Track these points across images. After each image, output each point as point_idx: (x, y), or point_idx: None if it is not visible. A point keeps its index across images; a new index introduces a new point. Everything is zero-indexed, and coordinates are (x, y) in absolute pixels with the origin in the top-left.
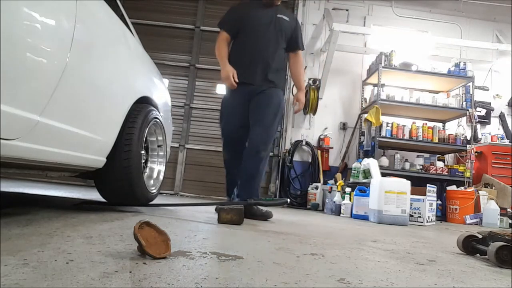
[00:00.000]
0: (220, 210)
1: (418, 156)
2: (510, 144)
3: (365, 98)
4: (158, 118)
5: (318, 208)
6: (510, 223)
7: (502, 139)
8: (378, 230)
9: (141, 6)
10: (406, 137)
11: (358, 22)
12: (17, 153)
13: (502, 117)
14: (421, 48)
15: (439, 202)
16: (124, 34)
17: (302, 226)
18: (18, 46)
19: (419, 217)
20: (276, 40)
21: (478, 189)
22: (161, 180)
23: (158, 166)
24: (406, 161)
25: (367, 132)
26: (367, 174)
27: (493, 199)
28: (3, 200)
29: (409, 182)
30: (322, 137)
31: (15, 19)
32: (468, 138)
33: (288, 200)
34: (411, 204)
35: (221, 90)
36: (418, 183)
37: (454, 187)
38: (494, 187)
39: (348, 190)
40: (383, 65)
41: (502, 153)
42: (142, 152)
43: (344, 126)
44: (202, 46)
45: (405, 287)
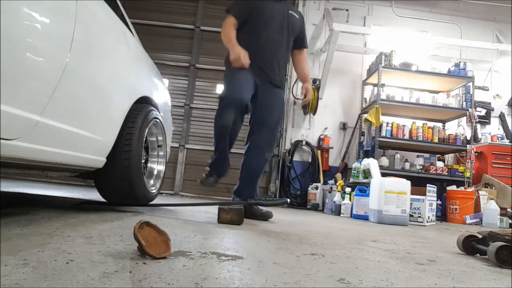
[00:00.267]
0: (220, 210)
1: (418, 156)
2: (510, 144)
3: (365, 98)
4: (158, 118)
5: (318, 208)
6: (510, 223)
7: (502, 139)
8: (378, 230)
9: (141, 6)
10: (406, 137)
11: (358, 22)
12: (17, 153)
13: (502, 117)
14: (421, 48)
15: (439, 202)
16: (124, 34)
17: (302, 226)
18: (18, 46)
19: (419, 217)
20: (288, 40)
21: (478, 189)
22: (161, 180)
23: (158, 166)
24: (406, 161)
25: (367, 132)
26: (367, 174)
27: (493, 199)
28: (3, 200)
29: (409, 182)
30: (322, 137)
31: (15, 19)
32: (468, 138)
33: (288, 200)
34: (411, 204)
35: (221, 90)
36: (418, 183)
37: (454, 187)
38: (494, 187)
39: (348, 190)
40: (383, 65)
41: (502, 153)
42: (142, 152)
43: (344, 126)
44: (202, 46)
45: (405, 287)
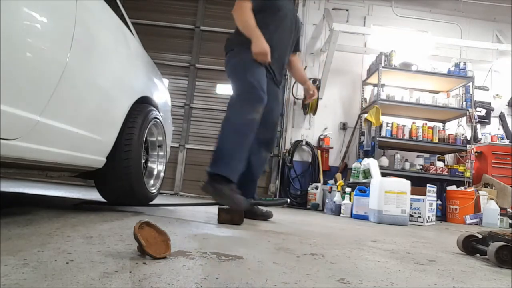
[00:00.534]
0: (220, 210)
1: (418, 156)
2: (510, 144)
3: (365, 98)
4: (158, 118)
5: (318, 208)
6: (510, 223)
7: (502, 139)
8: (378, 230)
9: (141, 6)
10: (406, 137)
11: (358, 22)
12: (17, 153)
13: (502, 117)
14: (421, 48)
15: (439, 202)
16: (124, 34)
17: (302, 226)
18: (18, 46)
19: (419, 217)
20: (293, 41)
21: (478, 189)
22: (161, 180)
23: (158, 166)
24: (406, 161)
25: (367, 132)
26: (367, 174)
27: (493, 199)
28: (3, 200)
29: (409, 182)
30: (322, 137)
31: (15, 19)
32: (468, 138)
33: (288, 200)
34: (411, 204)
35: (221, 90)
36: (418, 183)
37: (454, 187)
38: (494, 187)
39: (348, 190)
40: (383, 65)
41: (502, 153)
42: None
43: (344, 126)
44: (202, 46)
45: (405, 287)
